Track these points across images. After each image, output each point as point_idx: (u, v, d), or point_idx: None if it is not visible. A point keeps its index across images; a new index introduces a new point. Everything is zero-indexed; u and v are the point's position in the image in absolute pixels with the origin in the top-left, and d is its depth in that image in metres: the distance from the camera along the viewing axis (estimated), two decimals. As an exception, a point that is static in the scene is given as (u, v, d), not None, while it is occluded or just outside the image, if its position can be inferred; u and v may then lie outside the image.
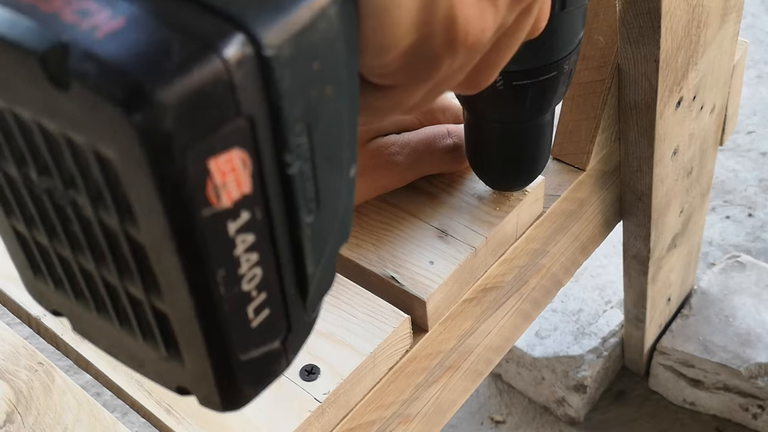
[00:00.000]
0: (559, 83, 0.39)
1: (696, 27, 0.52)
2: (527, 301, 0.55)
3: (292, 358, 0.24)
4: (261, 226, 0.20)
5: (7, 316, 0.56)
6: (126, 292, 0.22)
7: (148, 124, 0.16)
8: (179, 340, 0.21)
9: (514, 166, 0.45)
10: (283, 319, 0.23)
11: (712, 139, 0.69)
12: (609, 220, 0.63)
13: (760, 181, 1.10)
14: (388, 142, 0.47)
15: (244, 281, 0.21)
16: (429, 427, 0.50)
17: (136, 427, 0.77)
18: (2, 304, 0.48)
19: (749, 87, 1.23)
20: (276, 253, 0.21)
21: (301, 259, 0.22)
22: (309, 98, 0.20)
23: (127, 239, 0.20)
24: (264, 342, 0.22)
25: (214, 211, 0.18)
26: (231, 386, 0.22)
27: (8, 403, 0.42)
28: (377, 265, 0.45)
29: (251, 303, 0.21)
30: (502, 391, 0.92)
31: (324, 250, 0.23)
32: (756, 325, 0.82)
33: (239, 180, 0.19)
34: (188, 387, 0.23)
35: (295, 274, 0.22)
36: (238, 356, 0.22)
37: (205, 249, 0.19)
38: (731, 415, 0.85)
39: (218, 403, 0.23)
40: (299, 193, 0.21)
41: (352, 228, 0.26)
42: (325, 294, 0.25)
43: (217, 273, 0.19)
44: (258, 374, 0.23)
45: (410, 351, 0.44)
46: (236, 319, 0.21)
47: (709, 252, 1.02)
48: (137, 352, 0.23)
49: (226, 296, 0.20)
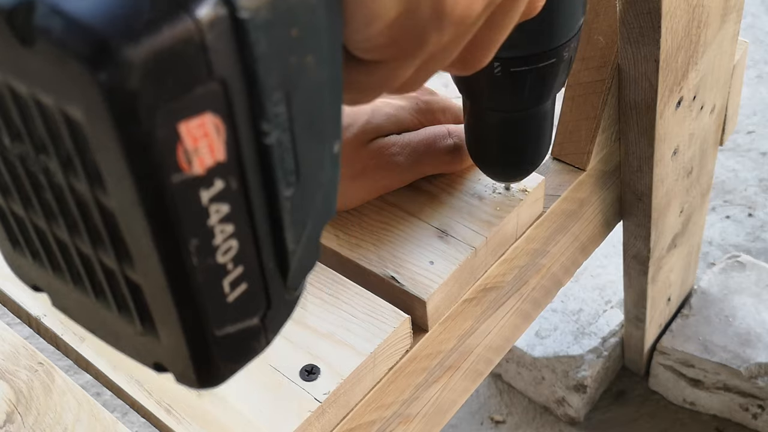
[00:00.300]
0: (558, 71, 0.38)
1: (696, 27, 0.52)
2: (527, 301, 0.55)
3: (272, 336, 0.24)
4: (236, 197, 0.20)
5: (7, 316, 0.56)
6: (100, 263, 0.21)
7: (114, 82, 0.16)
8: (153, 313, 0.21)
9: (515, 156, 0.44)
10: (262, 296, 0.22)
11: (712, 139, 0.69)
12: (609, 220, 0.63)
13: (760, 181, 1.10)
14: (388, 142, 0.47)
15: (219, 253, 0.20)
16: (429, 427, 0.50)
17: (136, 427, 0.77)
18: (2, 304, 0.48)
19: (749, 87, 1.23)
20: (253, 225, 0.21)
21: (280, 234, 0.22)
22: (287, 66, 0.19)
23: (98, 206, 0.19)
24: (241, 318, 0.22)
25: (184, 177, 0.18)
26: (207, 362, 0.22)
27: (8, 403, 0.42)
28: (377, 265, 0.45)
29: (227, 276, 0.21)
30: (502, 391, 0.92)
31: (305, 226, 0.23)
32: (756, 325, 0.82)
33: (212, 146, 0.18)
34: (164, 363, 0.23)
35: (274, 249, 0.22)
36: (214, 331, 0.21)
37: (176, 216, 0.18)
38: (731, 415, 0.85)
39: (194, 380, 0.22)
40: (277, 164, 0.20)
41: (337, 205, 0.25)
42: (309, 272, 0.24)
43: (189, 242, 0.19)
44: (235, 351, 0.23)
45: (410, 351, 0.44)
46: (211, 292, 0.20)
47: (709, 252, 1.02)
48: (114, 327, 0.23)
49: (200, 267, 0.20)
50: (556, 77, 0.39)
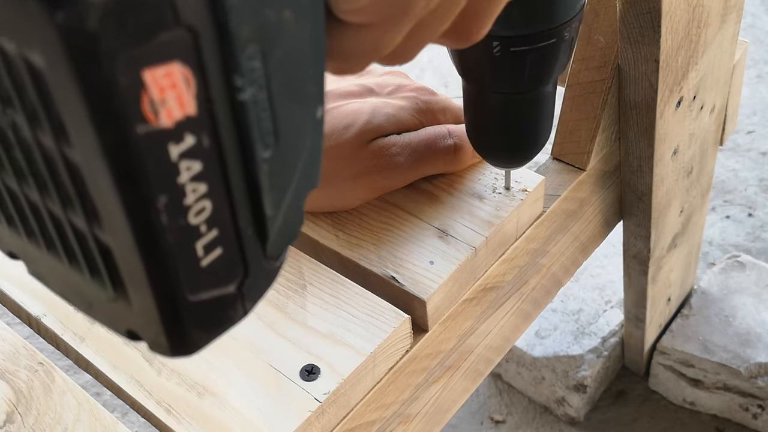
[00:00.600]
0: (559, 51, 0.37)
1: (696, 27, 0.52)
2: (527, 301, 0.55)
3: (250, 306, 0.23)
4: (209, 155, 0.19)
5: (7, 316, 0.56)
6: (70, 225, 0.20)
7: (72, 23, 0.15)
8: (124, 277, 0.20)
9: (515, 140, 0.43)
10: (239, 262, 0.22)
11: (712, 138, 0.69)
12: (609, 220, 0.63)
13: (760, 180, 1.10)
14: (389, 142, 0.47)
15: (191, 213, 0.19)
16: (429, 427, 0.50)
17: (136, 427, 0.77)
18: (2, 304, 0.48)
19: (749, 87, 1.23)
20: (228, 186, 0.20)
21: (257, 198, 0.21)
22: (263, 19, 0.19)
23: (64, 161, 0.19)
24: (216, 284, 0.21)
25: (151, 128, 0.17)
26: (179, 329, 0.21)
27: (8, 403, 0.42)
28: (377, 265, 0.45)
29: (200, 239, 0.20)
30: (502, 391, 0.92)
31: (285, 192, 0.22)
32: (756, 325, 0.82)
33: (181, 99, 0.18)
34: (137, 330, 0.22)
35: (252, 214, 0.21)
36: (187, 296, 0.21)
37: (142, 170, 0.18)
38: (731, 414, 0.85)
39: (166, 347, 0.21)
40: (253, 123, 0.20)
41: (320, 172, 0.24)
42: (291, 242, 0.24)
43: (158, 199, 0.18)
44: (210, 319, 0.22)
45: (410, 351, 0.44)
46: (183, 255, 0.20)
47: (709, 252, 1.02)
48: (87, 293, 0.22)
49: (170, 227, 0.19)
50: (557, 58, 0.38)
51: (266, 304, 0.44)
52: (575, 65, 0.53)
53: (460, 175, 0.49)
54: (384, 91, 0.50)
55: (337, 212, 0.48)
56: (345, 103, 0.48)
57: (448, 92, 1.28)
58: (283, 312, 0.43)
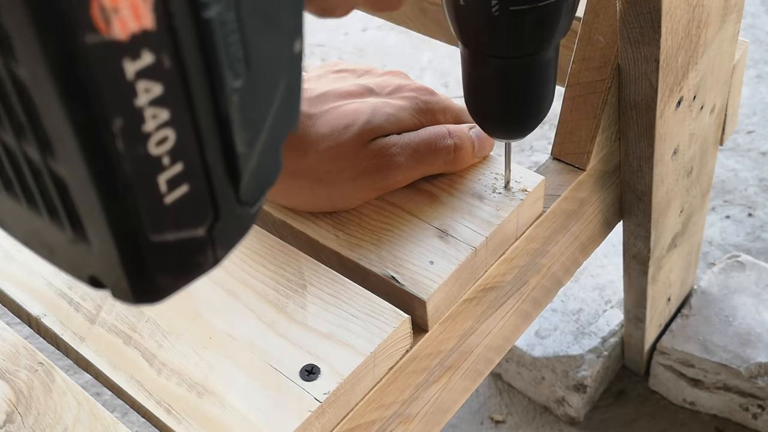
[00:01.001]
0: (561, 12, 0.36)
1: (696, 27, 0.52)
2: (527, 301, 0.55)
3: (221, 254, 0.22)
4: (171, 78, 0.18)
5: (7, 316, 0.56)
6: (25, 157, 0.19)
7: None
8: (81, 214, 0.19)
9: (513, 109, 0.41)
10: (208, 202, 0.20)
11: (712, 138, 0.69)
12: (609, 220, 0.63)
13: (760, 180, 1.10)
14: (389, 143, 0.47)
15: (152, 143, 0.18)
16: (429, 427, 0.50)
17: (136, 427, 0.77)
18: (2, 304, 0.48)
19: (749, 87, 1.23)
20: (193, 115, 0.19)
21: (227, 132, 0.20)
22: None
23: (12, 80, 0.17)
24: (183, 225, 0.20)
25: (102, 39, 0.16)
26: (141, 272, 0.20)
27: (8, 403, 0.42)
28: (377, 265, 0.45)
29: (163, 172, 0.19)
30: (502, 391, 0.92)
31: (259, 129, 0.21)
32: (756, 325, 0.82)
33: (137, 9, 0.16)
34: (99, 276, 0.21)
35: (222, 150, 0.20)
36: (149, 236, 0.19)
37: (94, 86, 0.16)
38: (731, 414, 0.85)
39: (129, 293, 0.20)
40: (220, 45, 0.18)
41: (300, 114, 0.23)
42: (267, 188, 0.22)
43: (112, 121, 0.17)
44: (176, 263, 0.20)
45: (410, 351, 0.44)
46: (143, 189, 0.18)
47: (709, 252, 1.02)
48: (48, 237, 0.21)
49: (127, 155, 0.18)
50: (558, 19, 0.36)
51: (266, 304, 0.44)
52: (575, 65, 0.53)
53: (460, 175, 0.49)
54: (384, 91, 0.50)
55: (337, 212, 0.48)
56: (345, 103, 0.48)
57: (448, 92, 1.28)
58: (283, 312, 0.43)
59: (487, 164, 0.50)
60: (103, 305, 0.45)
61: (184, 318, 0.44)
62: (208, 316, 0.44)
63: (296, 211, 0.49)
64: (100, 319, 0.44)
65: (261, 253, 0.46)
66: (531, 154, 1.14)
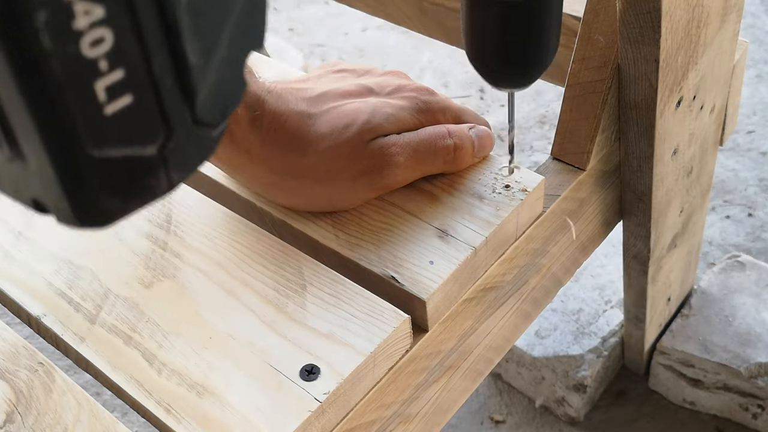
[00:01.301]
0: None
1: (696, 27, 0.52)
2: (527, 301, 0.55)
3: (176, 177, 0.20)
4: None
5: (7, 316, 0.56)
6: None
7: None
8: (13, 124, 0.17)
9: (514, 56, 0.40)
10: (157, 117, 0.19)
11: (712, 138, 0.69)
12: (609, 220, 0.63)
13: (760, 180, 1.10)
14: (389, 142, 0.47)
15: (85, 42, 0.16)
16: (429, 427, 0.50)
17: (136, 427, 0.77)
18: (2, 304, 0.48)
19: (749, 87, 1.23)
20: (133, 13, 0.17)
21: (176, 38, 0.18)
22: None
23: None
24: (128, 139, 0.18)
25: None
26: (81, 190, 0.18)
27: (8, 403, 0.42)
28: (377, 265, 0.45)
29: (101, 78, 0.17)
30: (502, 391, 0.92)
31: (216, 40, 0.19)
32: (756, 324, 0.82)
33: None
34: (41, 198, 0.19)
35: (171, 59, 0.18)
36: (87, 150, 0.18)
37: None
38: (731, 414, 0.85)
39: (70, 214, 0.18)
40: None
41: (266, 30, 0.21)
42: (231, 108, 0.21)
43: (35, 13, 0.15)
44: (123, 184, 0.19)
45: (410, 351, 0.44)
46: (78, 95, 0.17)
47: (709, 252, 1.02)
48: None
49: (56, 55, 0.16)
50: None
51: (266, 304, 0.44)
52: (575, 65, 0.53)
53: (460, 175, 0.49)
54: (384, 91, 0.50)
55: (337, 212, 0.48)
56: (345, 103, 0.48)
57: (448, 92, 1.28)
58: (283, 312, 0.43)
59: (487, 164, 0.50)
60: (103, 305, 0.45)
61: (184, 318, 0.44)
62: (208, 316, 0.44)
63: (296, 210, 0.49)
64: (100, 319, 0.44)
65: (261, 253, 0.46)
66: (531, 154, 1.14)
